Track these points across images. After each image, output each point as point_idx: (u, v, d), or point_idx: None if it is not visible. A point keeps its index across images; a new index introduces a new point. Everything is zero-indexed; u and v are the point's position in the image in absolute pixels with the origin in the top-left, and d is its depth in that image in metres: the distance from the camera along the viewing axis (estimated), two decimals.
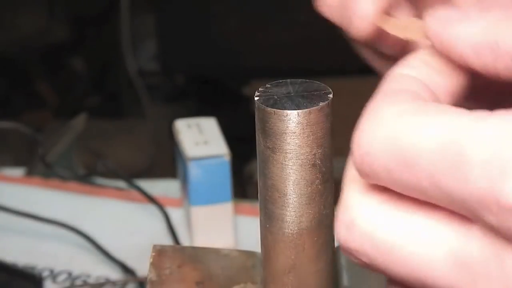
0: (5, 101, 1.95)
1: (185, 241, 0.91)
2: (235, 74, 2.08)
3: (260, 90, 0.39)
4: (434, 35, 0.35)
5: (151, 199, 0.94)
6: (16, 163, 1.14)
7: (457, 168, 0.29)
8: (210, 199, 0.88)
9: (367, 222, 0.32)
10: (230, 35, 2.03)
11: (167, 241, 0.91)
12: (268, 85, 0.39)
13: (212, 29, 2.03)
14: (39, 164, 1.05)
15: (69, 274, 0.88)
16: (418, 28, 0.37)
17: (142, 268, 0.86)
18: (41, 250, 0.91)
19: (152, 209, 0.94)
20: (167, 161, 1.04)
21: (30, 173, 1.08)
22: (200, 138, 0.90)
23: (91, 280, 0.87)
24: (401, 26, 0.38)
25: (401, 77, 0.35)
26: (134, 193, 0.97)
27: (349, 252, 0.33)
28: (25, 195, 1.00)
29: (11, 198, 0.96)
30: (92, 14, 2.10)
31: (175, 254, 0.48)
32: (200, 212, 0.88)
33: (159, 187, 1.02)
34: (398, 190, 0.32)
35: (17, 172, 1.08)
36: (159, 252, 0.48)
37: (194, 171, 0.87)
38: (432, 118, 0.31)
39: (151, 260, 0.47)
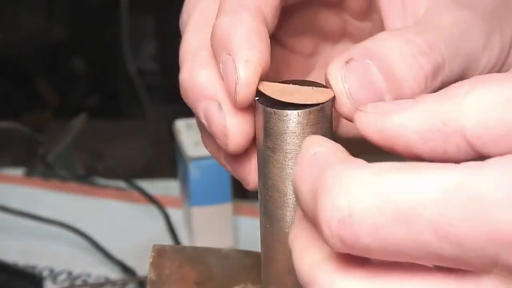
0: (5, 101, 1.95)
1: (185, 241, 0.91)
2: None
3: (259, 91, 0.39)
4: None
5: (151, 199, 0.94)
6: (16, 163, 1.14)
7: (473, 212, 0.28)
8: (210, 200, 0.88)
9: None
10: None
11: (167, 241, 0.91)
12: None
13: None
14: (39, 164, 1.05)
15: (69, 274, 0.88)
16: (292, 91, 0.38)
17: (142, 268, 0.86)
18: (41, 250, 0.91)
19: (152, 209, 0.94)
20: (167, 161, 1.04)
21: (30, 173, 1.08)
22: (200, 138, 0.90)
23: (91, 280, 0.87)
24: (278, 90, 0.38)
25: (321, 153, 0.33)
26: (134, 193, 0.97)
27: None
28: (25, 195, 1.00)
29: (11, 198, 0.96)
30: (92, 14, 2.10)
31: (175, 254, 0.48)
32: (200, 212, 0.88)
33: (159, 187, 1.02)
34: (383, 255, 0.30)
35: (17, 172, 1.09)
36: (159, 252, 0.48)
37: (194, 171, 0.87)
38: (420, 170, 0.29)
39: (151, 260, 0.47)
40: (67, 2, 2.17)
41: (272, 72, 0.39)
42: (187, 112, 0.45)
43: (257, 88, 0.38)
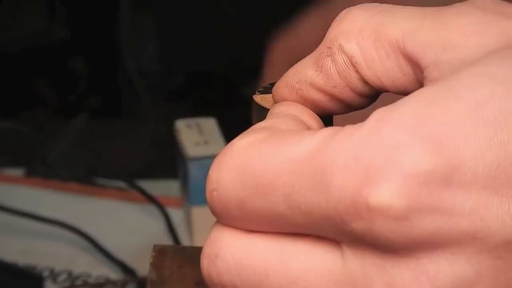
0: (5, 101, 1.95)
1: (185, 241, 0.91)
2: (235, 74, 2.08)
3: (260, 90, 0.39)
4: (282, 89, 0.37)
5: (151, 199, 0.94)
6: (16, 163, 1.14)
7: (318, 181, 0.28)
8: None
9: (233, 254, 0.31)
10: (231, 35, 2.03)
11: (167, 241, 0.91)
12: (268, 85, 0.39)
13: (212, 29, 2.03)
14: (39, 164, 1.05)
15: (69, 274, 0.88)
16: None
17: (142, 268, 0.86)
18: (41, 250, 0.91)
19: (152, 209, 0.94)
20: (167, 161, 1.04)
21: (30, 173, 1.08)
22: (200, 138, 0.90)
23: (91, 280, 0.87)
24: (270, 101, 0.39)
25: (272, 115, 0.35)
26: (134, 193, 0.97)
27: None
28: (25, 195, 1.00)
29: (11, 198, 0.96)
30: (92, 14, 2.10)
31: (176, 254, 0.48)
32: (200, 212, 0.88)
33: (159, 187, 1.02)
34: (254, 226, 0.31)
35: (17, 172, 1.08)
36: (160, 252, 0.48)
37: (194, 171, 0.87)
38: (284, 141, 0.30)
39: (151, 260, 0.47)
40: (67, 2, 2.17)
41: None
42: (187, 112, 0.45)
43: (255, 101, 0.39)
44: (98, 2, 2.17)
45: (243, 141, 0.31)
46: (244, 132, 0.32)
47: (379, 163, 0.27)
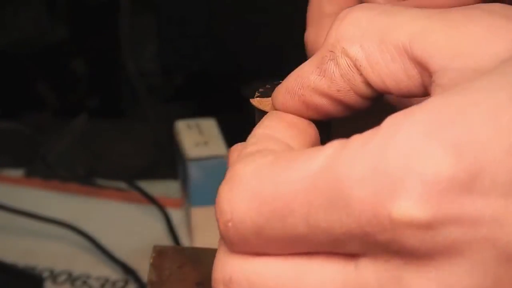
0: (5, 101, 1.95)
1: (185, 242, 0.91)
2: (236, 74, 2.08)
3: (260, 91, 0.39)
4: (282, 97, 0.36)
5: (151, 199, 0.94)
6: (16, 163, 1.14)
7: (336, 196, 0.28)
8: (210, 200, 0.88)
9: (247, 276, 0.30)
10: (231, 35, 2.03)
11: (168, 241, 0.91)
12: (268, 86, 0.39)
13: (213, 29, 2.03)
14: (39, 165, 1.05)
15: (69, 274, 0.88)
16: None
17: (143, 268, 0.86)
18: (41, 251, 0.91)
19: (153, 209, 0.94)
20: (167, 162, 1.04)
21: (30, 173, 1.08)
22: (200, 139, 0.90)
23: (91, 281, 0.87)
24: (269, 104, 0.38)
25: (257, 137, 0.34)
26: (135, 193, 0.97)
27: None
28: (25, 196, 1.00)
29: (11, 198, 0.96)
30: (92, 14, 2.10)
31: (175, 255, 0.48)
32: (200, 213, 0.88)
33: (159, 187, 1.02)
34: (272, 250, 0.30)
35: (17, 172, 1.08)
36: (160, 252, 0.48)
37: (194, 171, 0.87)
38: (293, 160, 0.29)
39: (152, 260, 0.47)
40: (67, 2, 2.17)
41: None
42: (188, 112, 0.45)
43: (253, 105, 0.39)
44: (98, 2, 2.17)
45: (249, 168, 0.30)
46: (243, 159, 0.31)
47: (398, 172, 0.27)
